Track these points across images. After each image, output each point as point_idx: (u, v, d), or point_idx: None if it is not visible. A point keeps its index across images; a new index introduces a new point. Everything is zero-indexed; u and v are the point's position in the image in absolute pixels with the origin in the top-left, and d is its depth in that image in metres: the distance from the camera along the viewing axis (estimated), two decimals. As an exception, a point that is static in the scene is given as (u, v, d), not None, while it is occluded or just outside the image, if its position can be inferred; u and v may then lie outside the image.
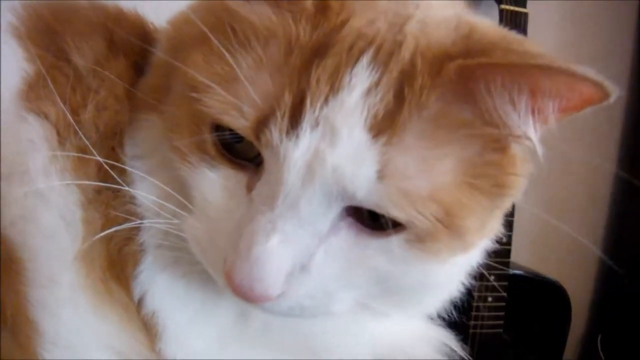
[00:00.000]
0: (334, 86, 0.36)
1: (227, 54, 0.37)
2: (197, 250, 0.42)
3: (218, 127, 0.39)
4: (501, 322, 1.35)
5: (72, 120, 0.43)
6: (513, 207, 1.44)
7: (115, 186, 0.44)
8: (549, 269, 1.46)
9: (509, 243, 1.31)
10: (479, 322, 1.33)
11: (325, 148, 0.36)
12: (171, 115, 0.42)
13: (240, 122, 0.37)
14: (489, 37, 0.38)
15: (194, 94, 0.38)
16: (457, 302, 0.52)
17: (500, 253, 1.27)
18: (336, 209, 0.38)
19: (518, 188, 0.42)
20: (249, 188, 0.39)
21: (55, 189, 0.43)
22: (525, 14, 1.23)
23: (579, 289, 1.79)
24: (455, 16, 0.41)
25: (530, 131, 0.38)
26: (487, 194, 0.40)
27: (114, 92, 0.46)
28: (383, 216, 0.38)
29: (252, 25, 0.38)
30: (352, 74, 0.36)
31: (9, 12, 0.46)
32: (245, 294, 0.38)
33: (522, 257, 1.48)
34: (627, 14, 1.73)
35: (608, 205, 1.88)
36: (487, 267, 0.55)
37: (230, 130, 0.38)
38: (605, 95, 0.35)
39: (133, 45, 0.49)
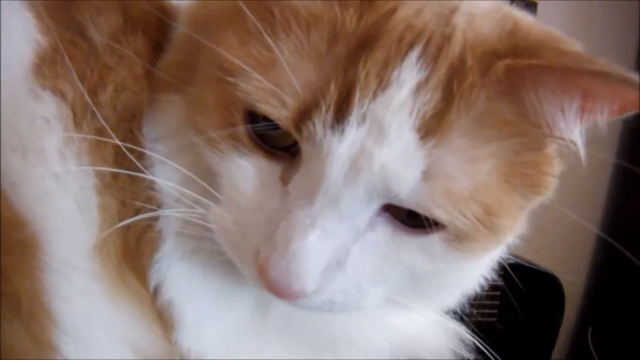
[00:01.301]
0: (383, 81, 0.34)
1: (267, 37, 0.35)
2: (225, 241, 0.40)
3: (252, 114, 0.37)
4: (495, 311, 1.36)
5: (90, 101, 0.41)
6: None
7: (133, 173, 0.42)
8: (542, 260, 1.46)
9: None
10: (473, 311, 1.33)
11: (373, 145, 0.34)
12: (198, 97, 0.40)
13: (280, 112, 0.35)
14: (534, 34, 0.37)
15: (229, 78, 0.36)
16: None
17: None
18: (375, 206, 0.37)
19: (550, 188, 0.43)
20: (284, 180, 0.38)
21: (71, 173, 0.41)
22: (535, 4, 1.23)
23: (572, 281, 1.80)
24: (498, 7, 0.40)
25: (576, 135, 0.39)
26: (523, 193, 0.40)
27: (133, 72, 0.44)
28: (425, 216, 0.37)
29: (293, 8, 0.36)
30: (402, 68, 0.34)
31: None
32: (280, 291, 0.37)
33: (516, 248, 1.49)
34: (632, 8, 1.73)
35: (605, 195, 1.89)
36: None
37: (267, 118, 0.36)
38: None
39: (151, 20, 0.47)
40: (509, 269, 1.32)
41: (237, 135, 0.38)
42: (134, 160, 0.42)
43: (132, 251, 0.44)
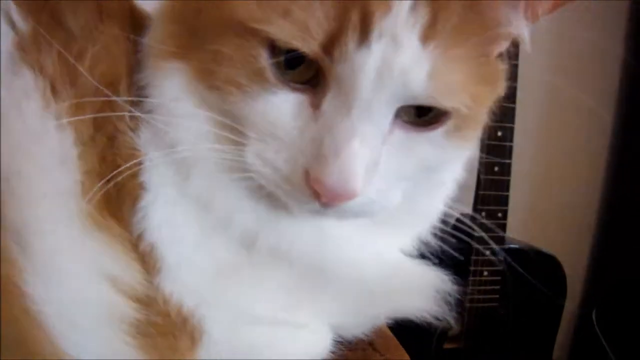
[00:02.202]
0: (388, 3, 0.41)
1: None
2: (267, 173, 0.45)
3: (275, 56, 0.42)
4: (497, 296, 1.36)
5: (72, 62, 0.46)
6: (508, 183, 1.43)
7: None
8: (544, 244, 1.46)
9: (504, 217, 1.32)
10: (475, 296, 1.33)
11: (392, 54, 0.41)
12: (213, 53, 0.44)
13: (309, 43, 0.41)
14: None
15: (254, 25, 0.41)
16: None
17: (496, 227, 1.27)
18: (393, 109, 0.44)
19: (502, 80, 0.50)
20: (315, 105, 0.44)
21: (50, 130, 0.45)
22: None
23: (574, 264, 1.80)
24: None
25: (524, 30, 0.47)
26: (489, 85, 0.48)
27: (108, 47, 0.49)
28: (431, 110, 0.45)
29: None
30: None
31: None
32: (337, 195, 0.43)
33: (517, 232, 1.49)
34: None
35: (605, 172, 1.89)
36: (483, 241, 0.60)
37: (289, 53, 0.42)
38: None
39: (124, 14, 0.52)
40: (508, 256, 1.32)
41: (264, 76, 0.43)
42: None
43: (113, 200, 0.47)
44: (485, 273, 1.32)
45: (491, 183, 1.29)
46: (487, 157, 1.27)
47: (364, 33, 0.41)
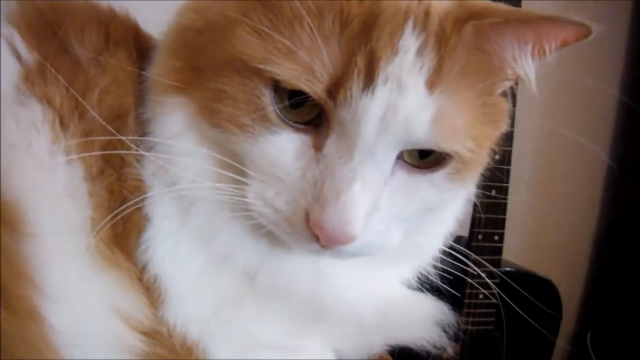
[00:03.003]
0: (394, 48, 0.42)
1: (284, 28, 0.42)
2: (268, 213, 0.45)
3: (277, 96, 0.43)
4: (492, 319, 1.36)
5: (81, 100, 0.46)
6: (505, 205, 1.43)
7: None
8: (539, 267, 1.47)
9: (500, 240, 1.32)
10: (470, 319, 1.33)
11: (397, 100, 0.42)
12: (216, 91, 0.45)
13: (315, 86, 0.41)
14: (477, 2, 0.47)
15: (260, 66, 0.42)
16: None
17: (492, 250, 1.28)
18: (395, 153, 0.45)
19: (506, 119, 0.51)
20: (317, 147, 0.44)
21: (60, 165, 0.45)
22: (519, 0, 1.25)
23: (569, 287, 1.80)
24: None
25: (531, 70, 0.47)
26: (492, 125, 0.49)
27: (116, 78, 0.49)
28: (432, 153, 0.46)
29: (304, 4, 0.42)
30: (404, 37, 0.42)
31: (7, 6, 0.47)
32: (336, 239, 0.43)
33: (514, 255, 1.49)
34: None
35: (601, 197, 1.90)
36: (479, 264, 0.59)
37: (295, 96, 0.42)
38: (588, 31, 0.45)
39: (129, 40, 0.52)
40: (505, 277, 1.32)
41: (267, 117, 0.43)
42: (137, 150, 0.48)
43: (120, 233, 0.48)
44: (481, 296, 1.33)
45: (488, 206, 1.30)
46: (484, 180, 1.28)
47: (369, 78, 0.41)
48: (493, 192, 1.29)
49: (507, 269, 1.39)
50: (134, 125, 0.49)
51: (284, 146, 0.44)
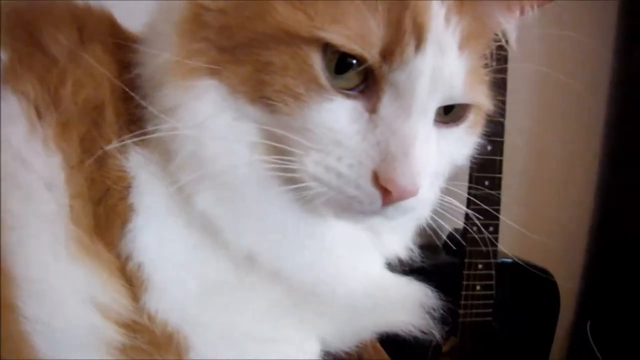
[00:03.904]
0: (430, 12, 0.45)
1: None
2: (329, 180, 0.46)
3: (326, 65, 0.44)
4: (490, 310, 1.36)
5: (52, 93, 0.46)
6: (499, 197, 1.43)
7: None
8: (536, 257, 1.47)
9: (496, 231, 1.32)
10: (468, 311, 1.33)
11: (441, 60, 0.45)
12: (261, 65, 0.45)
13: (369, 50, 0.43)
14: None
15: (315, 32, 0.43)
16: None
17: (488, 242, 1.28)
18: (435, 109, 0.48)
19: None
20: (371, 110, 0.46)
21: (38, 155, 0.45)
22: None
23: (567, 277, 1.80)
24: None
25: (512, 28, 0.54)
26: (485, 84, 0.54)
27: (91, 72, 0.49)
28: (454, 108, 0.50)
29: None
30: (433, 3, 0.45)
31: None
32: (407, 190, 0.45)
33: (509, 246, 1.49)
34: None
35: (596, 185, 1.90)
36: (476, 255, 0.59)
37: (341, 63, 0.44)
38: None
39: (104, 34, 0.52)
40: (503, 268, 1.32)
41: (321, 84, 0.45)
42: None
43: (102, 223, 0.48)
44: (478, 287, 1.33)
45: (482, 197, 1.30)
46: (478, 172, 1.28)
47: (419, 40, 0.44)
48: (486, 183, 1.29)
49: (504, 259, 1.39)
50: (114, 118, 0.49)
51: (339, 112, 0.46)
